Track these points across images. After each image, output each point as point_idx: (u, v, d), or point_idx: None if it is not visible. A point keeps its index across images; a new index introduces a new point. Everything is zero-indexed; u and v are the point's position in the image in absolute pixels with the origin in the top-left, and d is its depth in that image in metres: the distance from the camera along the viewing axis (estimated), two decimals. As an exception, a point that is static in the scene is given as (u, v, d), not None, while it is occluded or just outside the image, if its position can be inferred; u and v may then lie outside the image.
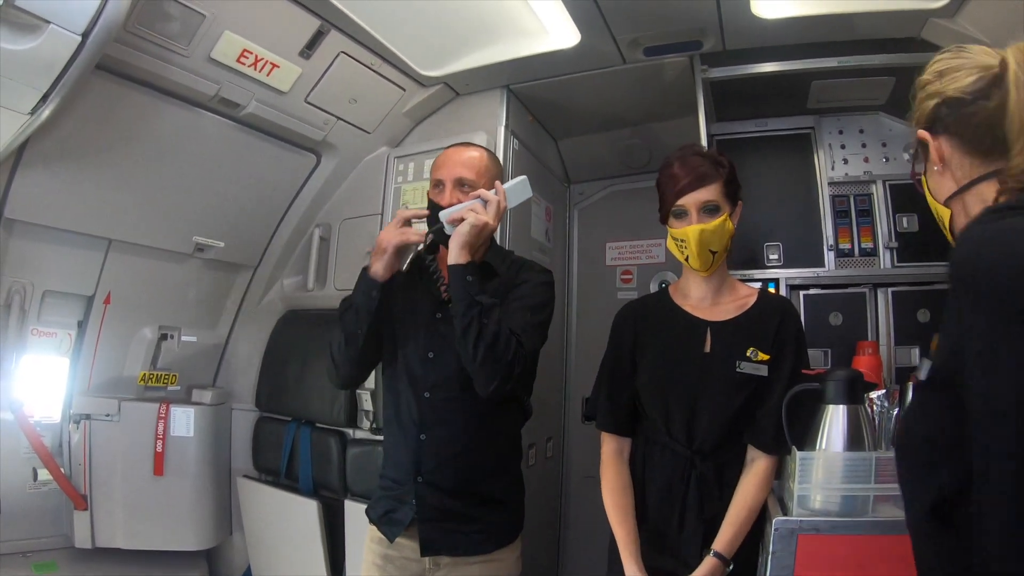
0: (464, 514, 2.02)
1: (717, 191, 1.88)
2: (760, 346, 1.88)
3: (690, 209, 1.88)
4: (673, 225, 1.93)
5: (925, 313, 2.64)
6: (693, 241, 1.86)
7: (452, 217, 1.95)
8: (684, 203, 1.88)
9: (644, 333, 2.02)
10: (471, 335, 1.83)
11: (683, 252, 1.93)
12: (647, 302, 2.15)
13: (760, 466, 1.85)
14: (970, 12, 2.22)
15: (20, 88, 1.94)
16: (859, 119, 2.88)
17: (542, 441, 3.53)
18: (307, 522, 3.12)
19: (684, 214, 1.89)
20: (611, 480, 1.99)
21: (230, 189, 3.13)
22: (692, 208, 1.88)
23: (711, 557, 1.77)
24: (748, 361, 1.86)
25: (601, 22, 2.61)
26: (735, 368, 1.86)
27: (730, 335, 1.91)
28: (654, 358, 1.97)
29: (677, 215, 1.91)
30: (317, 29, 2.62)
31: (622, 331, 2.07)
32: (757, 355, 1.87)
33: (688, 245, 1.88)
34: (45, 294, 2.78)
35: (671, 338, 1.97)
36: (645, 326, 2.03)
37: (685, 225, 1.89)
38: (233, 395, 3.58)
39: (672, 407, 1.89)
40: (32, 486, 2.85)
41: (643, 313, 2.07)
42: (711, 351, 1.90)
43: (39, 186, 2.51)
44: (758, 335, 1.90)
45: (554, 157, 3.93)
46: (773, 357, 1.88)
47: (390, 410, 2.15)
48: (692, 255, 1.89)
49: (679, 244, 1.92)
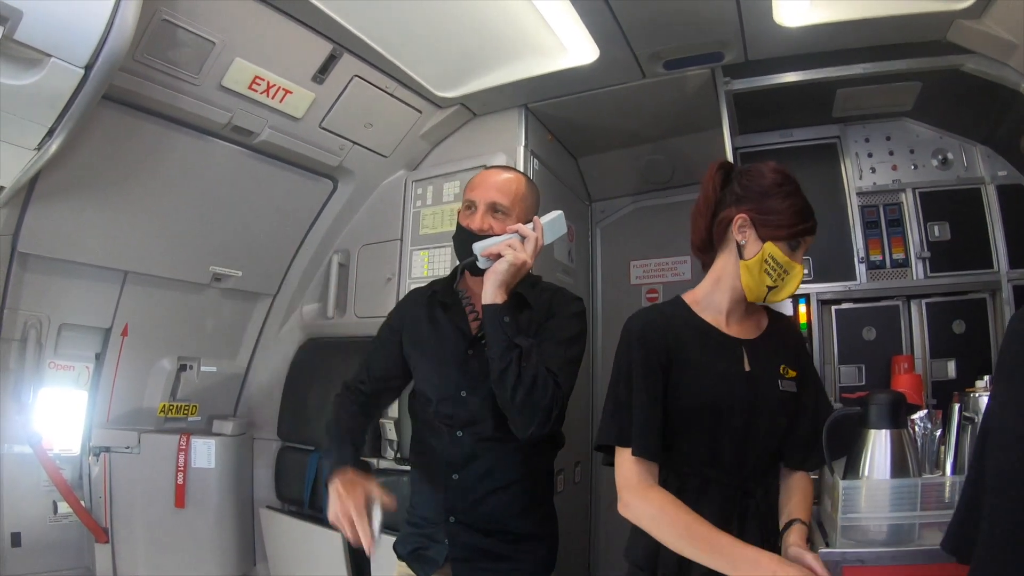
0: (498, 553, 1.97)
1: None
2: (788, 363, 1.78)
3: (804, 247, 1.76)
4: (781, 247, 1.72)
5: (960, 324, 2.59)
6: (795, 283, 1.74)
7: (488, 251, 1.88)
8: (806, 241, 1.76)
9: (679, 349, 1.74)
10: (509, 379, 1.77)
11: (772, 279, 1.73)
12: (671, 313, 1.84)
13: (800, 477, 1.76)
14: (997, 12, 2.17)
15: (25, 123, 1.93)
16: (885, 126, 2.83)
17: (570, 467, 3.47)
18: (332, 554, 3.06)
19: (799, 248, 1.75)
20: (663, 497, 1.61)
21: (246, 217, 3.12)
22: (805, 248, 1.77)
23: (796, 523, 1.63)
24: (783, 379, 1.77)
25: (620, 37, 2.57)
26: (778, 387, 1.75)
27: (764, 353, 1.78)
28: (698, 378, 1.72)
29: (794, 246, 1.74)
30: (330, 53, 2.61)
31: (652, 344, 1.73)
32: (788, 372, 1.77)
33: (789, 281, 1.73)
34: (62, 327, 2.78)
35: (710, 356, 1.75)
36: (678, 342, 1.75)
37: (798, 261, 1.74)
38: (254, 425, 3.56)
39: (722, 432, 1.69)
40: (52, 519, 2.83)
41: (672, 325, 1.78)
42: (752, 370, 1.75)
43: (52, 220, 2.50)
44: (783, 352, 1.80)
45: (575, 175, 3.89)
46: (799, 373, 1.79)
47: (420, 447, 2.10)
48: (783, 291, 1.75)
49: (774, 271, 1.73)
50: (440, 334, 2.06)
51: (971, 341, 2.57)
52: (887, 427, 1.61)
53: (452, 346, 2.02)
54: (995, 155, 2.65)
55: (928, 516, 1.55)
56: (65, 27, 1.80)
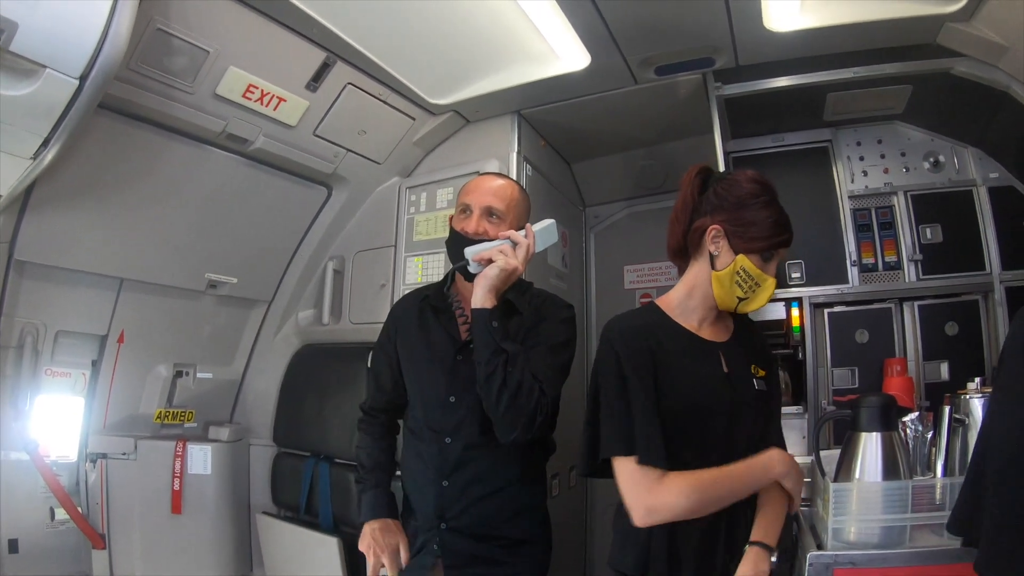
0: (491, 558, 1.98)
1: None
2: (758, 363, 1.79)
3: (776, 260, 1.74)
4: (754, 260, 1.71)
5: (953, 326, 2.60)
6: (766, 296, 1.73)
7: (480, 256, 1.88)
8: (780, 253, 1.74)
9: (661, 353, 1.70)
10: (495, 383, 1.78)
11: (743, 291, 1.73)
12: (648, 319, 1.81)
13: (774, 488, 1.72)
14: (987, 15, 2.18)
15: (20, 133, 1.94)
16: (877, 129, 2.84)
17: (565, 471, 3.47)
18: (328, 559, 3.06)
19: (771, 260, 1.73)
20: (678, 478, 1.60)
21: (241, 225, 3.13)
22: (777, 261, 1.75)
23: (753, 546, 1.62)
24: (756, 378, 1.77)
25: (611, 44, 2.58)
26: (754, 387, 1.75)
27: (737, 354, 1.79)
28: (683, 383, 1.71)
29: (766, 256, 1.72)
30: (323, 61, 2.62)
31: (638, 348, 1.70)
32: (758, 371, 1.78)
33: (760, 294, 1.72)
34: (58, 334, 2.78)
35: (690, 360, 1.75)
36: (660, 345, 1.74)
37: (770, 274, 1.73)
38: (251, 431, 3.56)
39: (708, 434, 1.70)
40: (50, 525, 2.84)
41: (652, 332, 1.75)
42: (729, 372, 1.75)
43: (48, 228, 2.51)
44: (752, 352, 1.81)
45: (568, 181, 3.89)
46: (767, 372, 1.80)
47: (410, 453, 2.11)
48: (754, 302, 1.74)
49: (745, 283, 1.72)
50: (430, 339, 2.07)
51: (964, 343, 2.58)
52: (878, 430, 1.63)
53: (441, 351, 2.03)
54: (986, 157, 2.66)
55: (919, 518, 1.56)
56: (60, 38, 1.81)
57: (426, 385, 2.05)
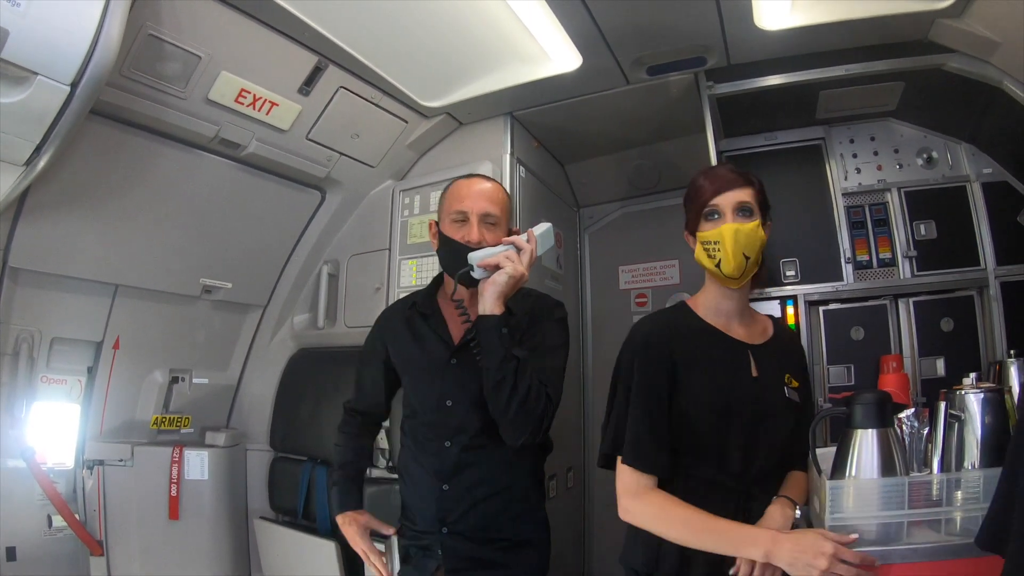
0: (492, 561, 1.98)
1: (751, 195, 1.75)
2: (792, 373, 1.80)
3: (724, 209, 1.73)
4: (703, 229, 1.76)
5: (948, 322, 2.61)
6: (728, 240, 1.70)
7: (486, 262, 1.86)
8: (718, 203, 1.74)
9: (684, 354, 1.73)
10: (504, 390, 1.78)
11: (714, 257, 1.74)
12: (674, 319, 1.85)
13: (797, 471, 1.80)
14: (978, 11, 2.18)
15: (12, 140, 1.93)
16: (869, 126, 2.85)
17: (562, 472, 3.47)
18: (326, 563, 3.04)
19: (717, 215, 1.74)
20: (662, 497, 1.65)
21: (235, 229, 3.12)
22: (727, 208, 1.73)
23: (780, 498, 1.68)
24: (788, 387, 1.78)
25: (602, 44, 2.58)
26: (784, 394, 1.77)
27: (770, 360, 1.80)
28: (705, 383, 1.72)
29: (709, 216, 1.76)
30: (315, 65, 2.61)
31: (656, 351, 1.73)
32: (792, 382, 1.79)
33: (723, 246, 1.71)
34: (53, 341, 2.77)
35: (717, 361, 1.76)
36: (683, 346, 1.74)
37: (719, 225, 1.74)
38: (247, 436, 3.55)
39: (730, 437, 1.70)
40: (47, 532, 2.82)
41: (676, 331, 1.78)
42: (759, 376, 1.77)
43: (42, 234, 2.50)
44: (788, 363, 1.83)
45: (562, 182, 3.89)
46: (801, 386, 1.82)
47: (408, 457, 2.11)
48: (726, 257, 1.71)
49: (710, 248, 1.75)
50: (422, 346, 2.07)
51: (959, 339, 2.59)
52: (873, 426, 1.62)
53: (435, 356, 2.03)
54: (979, 153, 2.66)
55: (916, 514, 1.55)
56: (51, 45, 1.80)
57: (423, 391, 2.05)
